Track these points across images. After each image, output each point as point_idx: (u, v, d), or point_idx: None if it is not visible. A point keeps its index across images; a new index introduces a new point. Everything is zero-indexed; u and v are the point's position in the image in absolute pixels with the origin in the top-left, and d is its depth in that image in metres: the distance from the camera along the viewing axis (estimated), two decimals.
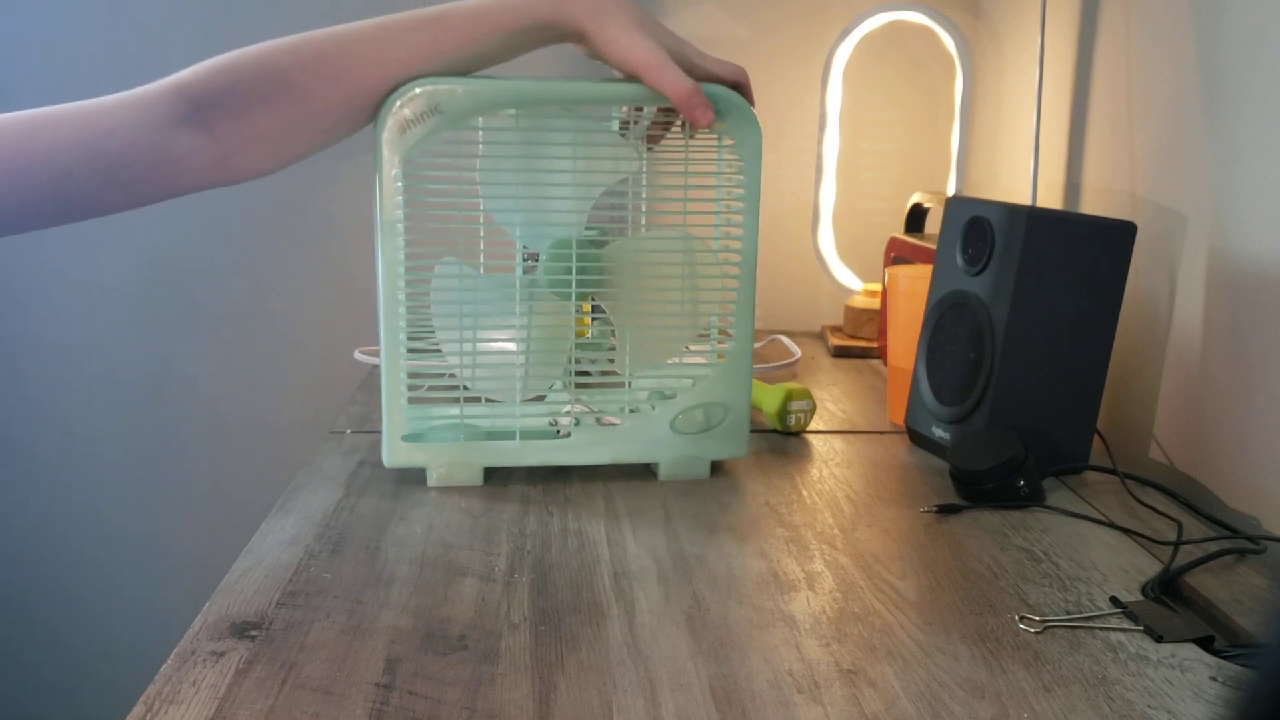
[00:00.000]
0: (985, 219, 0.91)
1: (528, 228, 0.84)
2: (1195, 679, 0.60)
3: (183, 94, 0.72)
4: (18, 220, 0.69)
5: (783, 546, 0.76)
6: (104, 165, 0.70)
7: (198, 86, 0.73)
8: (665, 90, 0.78)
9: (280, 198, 1.49)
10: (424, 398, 0.85)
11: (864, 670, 0.60)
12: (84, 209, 0.71)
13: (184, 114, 0.72)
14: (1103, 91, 1.12)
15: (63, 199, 0.70)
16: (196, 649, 0.60)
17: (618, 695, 0.56)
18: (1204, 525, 0.82)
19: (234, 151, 0.74)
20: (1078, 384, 0.91)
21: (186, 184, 0.74)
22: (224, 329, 1.52)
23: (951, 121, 1.39)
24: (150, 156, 0.71)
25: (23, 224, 0.69)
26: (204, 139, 0.73)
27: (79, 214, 0.72)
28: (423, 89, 0.78)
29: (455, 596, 0.67)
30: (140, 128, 0.71)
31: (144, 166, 0.71)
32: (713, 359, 0.88)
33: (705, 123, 0.79)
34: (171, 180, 0.73)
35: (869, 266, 1.42)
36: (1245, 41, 0.87)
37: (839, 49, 1.37)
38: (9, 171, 0.67)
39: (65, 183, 0.69)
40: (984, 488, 0.84)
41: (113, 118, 0.70)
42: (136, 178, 0.71)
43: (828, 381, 1.22)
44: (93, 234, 1.48)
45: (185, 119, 0.72)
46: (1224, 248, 0.89)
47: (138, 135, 0.70)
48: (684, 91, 0.78)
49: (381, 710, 0.55)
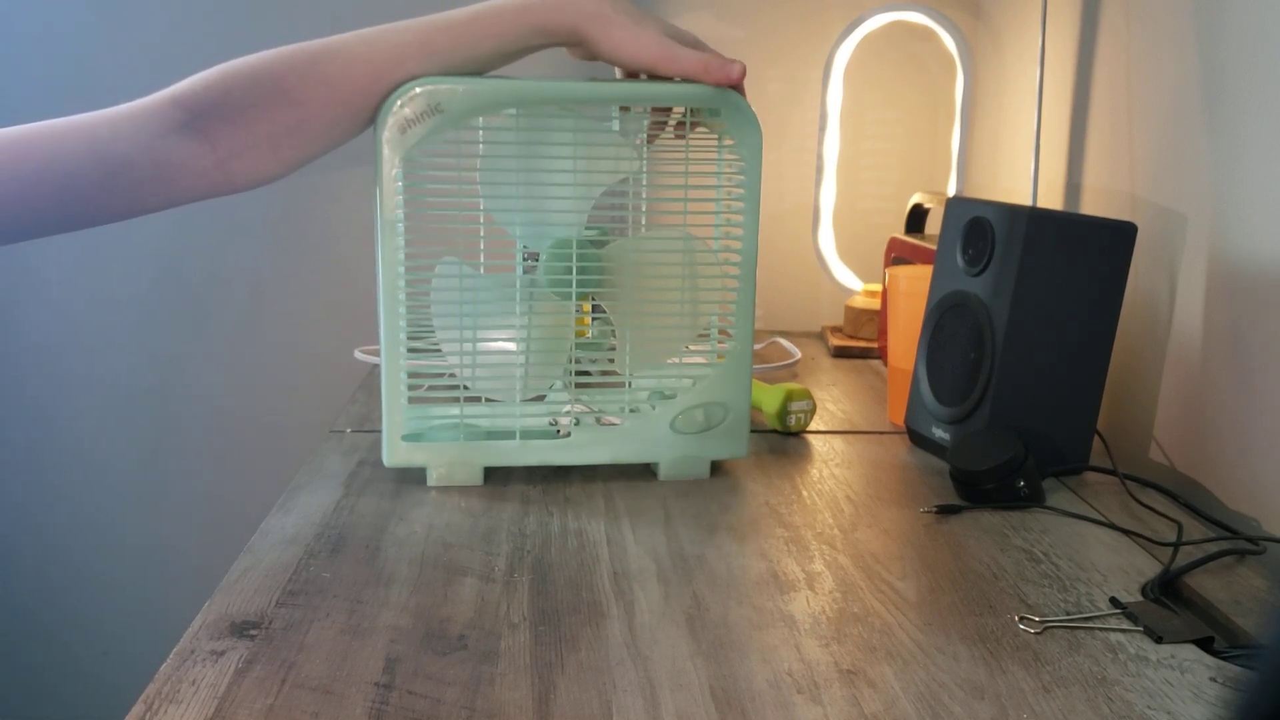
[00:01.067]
0: (986, 219, 0.91)
1: (528, 227, 0.84)
2: (1195, 680, 0.60)
3: (179, 103, 0.73)
4: (21, 228, 0.70)
5: (783, 547, 0.76)
6: (105, 173, 0.71)
7: (194, 95, 0.74)
8: (686, 71, 0.80)
9: (281, 197, 1.49)
10: (424, 397, 0.85)
11: (864, 670, 0.60)
12: (86, 217, 0.73)
13: (181, 121, 0.73)
14: (1103, 92, 1.12)
15: (65, 207, 0.71)
16: (196, 648, 0.60)
17: (617, 695, 0.56)
18: (1204, 526, 0.82)
19: (231, 157, 0.75)
20: (1078, 385, 0.91)
21: (186, 191, 0.75)
22: (224, 327, 1.53)
23: (952, 122, 1.39)
24: (150, 164, 0.72)
25: (26, 232, 0.71)
26: (202, 146, 0.74)
27: (81, 222, 0.73)
28: (423, 89, 0.78)
29: (455, 596, 0.67)
30: (139, 135, 0.72)
31: (144, 174, 0.72)
32: (713, 359, 0.88)
33: (737, 75, 0.80)
34: (171, 187, 0.74)
35: (869, 267, 1.42)
36: (1246, 41, 0.87)
37: (840, 49, 1.37)
38: (12, 178, 0.68)
39: (67, 191, 0.70)
40: (984, 488, 0.84)
41: (113, 127, 0.72)
42: (137, 185, 0.72)
43: (828, 382, 1.22)
44: (94, 234, 1.48)
45: (183, 126, 0.73)
46: (1224, 248, 0.89)
47: (137, 143, 0.72)
48: (703, 63, 0.80)
49: (381, 710, 0.55)
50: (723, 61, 0.80)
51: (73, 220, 0.72)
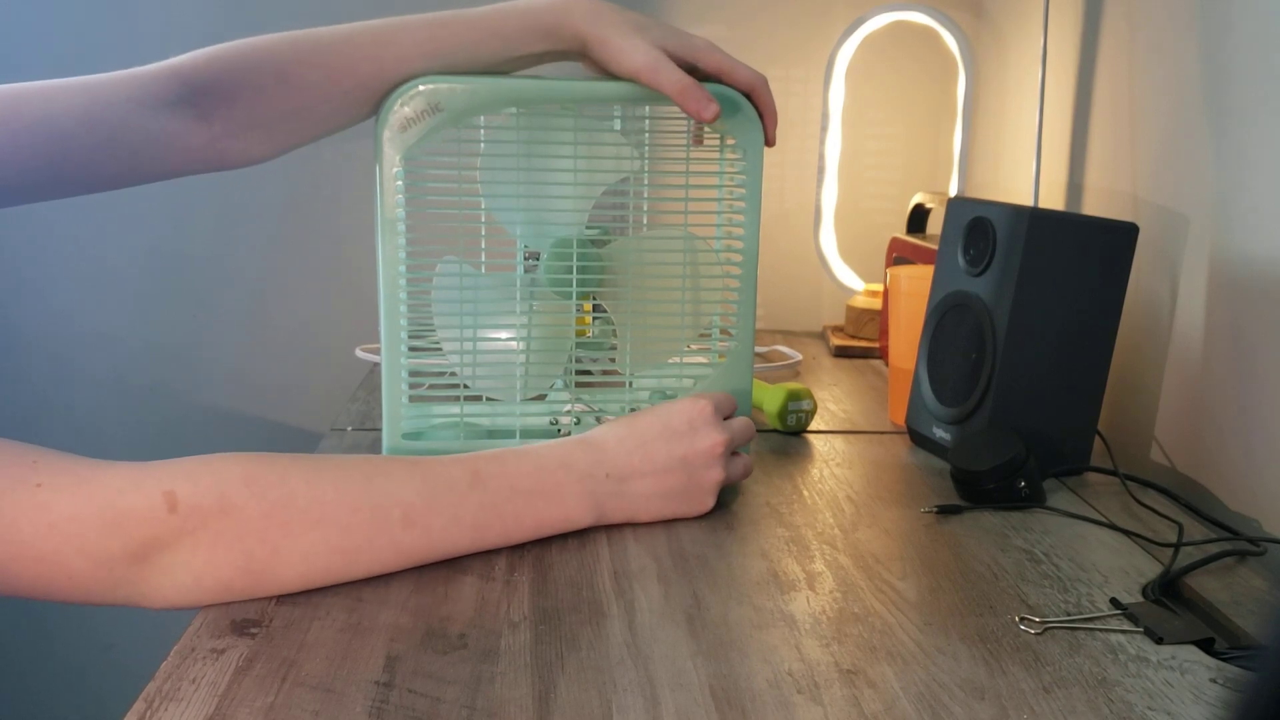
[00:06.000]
0: (987, 219, 0.91)
1: (529, 226, 0.84)
2: (1195, 681, 0.60)
3: (179, 76, 0.73)
4: (14, 190, 0.69)
5: (783, 546, 0.76)
6: (99, 136, 0.70)
7: (194, 71, 0.74)
8: (663, 89, 0.78)
9: (282, 195, 1.49)
10: (425, 396, 0.85)
11: (864, 671, 0.60)
12: (79, 181, 0.72)
13: (179, 95, 0.73)
14: (1105, 92, 1.12)
15: (57, 168, 0.70)
16: (196, 646, 0.60)
17: (618, 695, 0.56)
18: (1205, 527, 0.82)
19: (226, 136, 0.75)
20: (1079, 385, 0.91)
21: (179, 165, 0.75)
22: (226, 325, 1.53)
23: (954, 122, 1.39)
24: (144, 132, 0.72)
25: (19, 194, 0.70)
26: (197, 122, 0.74)
27: (74, 186, 0.72)
28: (424, 87, 0.78)
29: (455, 595, 0.67)
30: (135, 103, 0.72)
31: (137, 142, 0.72)
32: (714, 359, 0.88)
33: (708, 116, 0.78)
34: (164, 159, 0.74)
35: (870, 266, 1.42)
36: (1247, 42, 0.87)
37: (841, 49, 1.37)
38: (4, 133, 0.67)
39: (60, 150, 0.69)
40: (985, 488, 0.84)
41: (110, 91, 0.71)
42: (130, 153, 0.72)
43: (829, 381, 1.22)
44: (95, 230, 1.49)
45: (180, 100, 0.73)
46: (1226, 249, 0.89)
47: (132, 109, 0.71)
48: (680, 87, 0.78)
49: (381, 708, 0.55)
50: (694, 95, 0.78)
51: (64, 185, 0.71)
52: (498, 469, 0.72)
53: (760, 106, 0.83)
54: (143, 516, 0.61)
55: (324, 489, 0.65)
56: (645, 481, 0.76)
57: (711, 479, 0.78)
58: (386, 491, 0.67)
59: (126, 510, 0.60)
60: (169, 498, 0.61)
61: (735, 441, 0.80)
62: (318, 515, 0.65)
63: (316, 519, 0.65)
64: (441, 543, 0.69)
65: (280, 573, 0.64)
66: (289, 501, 0.64)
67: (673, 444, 0.77)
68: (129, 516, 0.60)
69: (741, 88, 0.82)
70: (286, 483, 0.65)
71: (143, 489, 0.61)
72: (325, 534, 0.65)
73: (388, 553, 0.67)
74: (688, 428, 0.77)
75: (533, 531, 0.73)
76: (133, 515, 0.60)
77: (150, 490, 0.61)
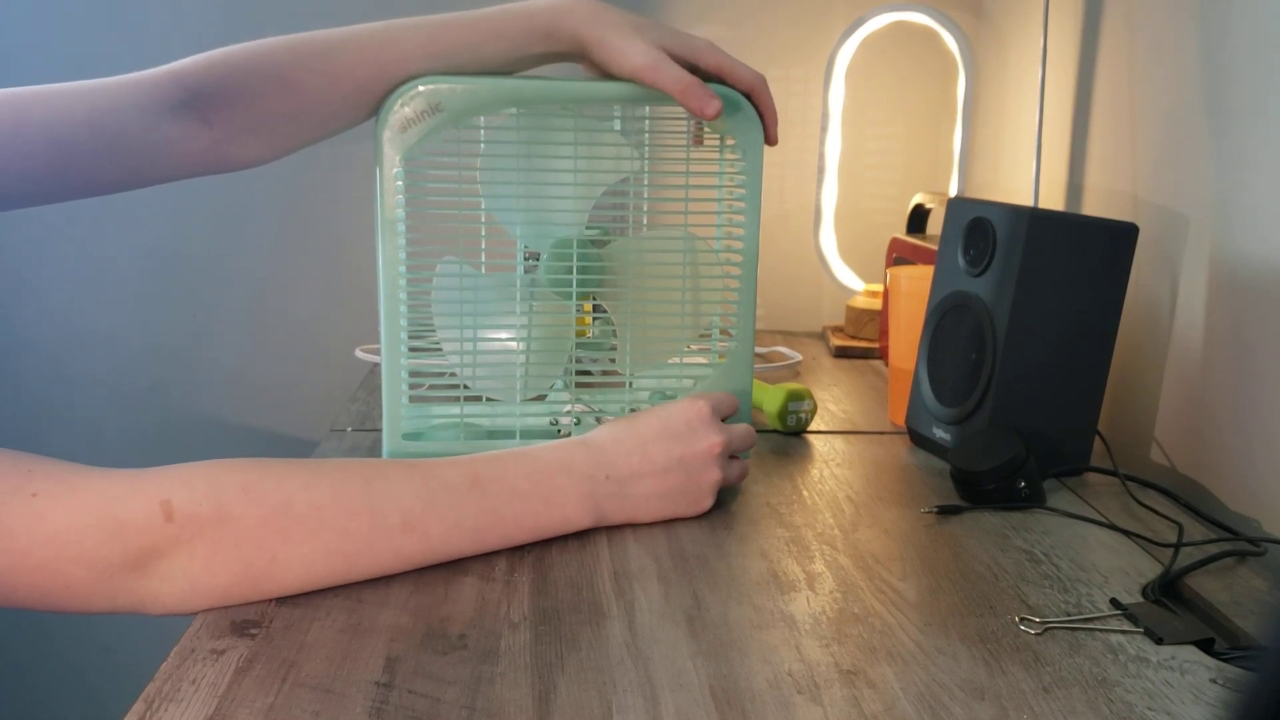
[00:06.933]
0: (987, 220, 0.91)
1: (529, 227, 0.84)
2: (1195, 681, 0.60)
3: (180, 80, 0.74)
4: (16, 194, 0.69)
5: (783, 546, 0.76)
6: (101, 141, 0.71)
7: (195, 75, 0.74)
8: (664, 87, 0.78)
9: (282, 196, 1.49)
10: (425, 396, 0.85)
11: (864, 671, 0.60)
12: (81, 185, 0.72)
13: (180, 100, 0.74)
14: (1105, 92, 1.12)
15: (60, 173, 0.70)
16: (196, 647, 0.60)
17: (618, 695, 0.56)
18: (1205, 527, 0.82)
19: (226, 139, 0.76)
20: (1079, 385, 0.91)
21: (180, 168, 0.75)
22: (225, 326, 1.53)
23: (954, 122, 1.39)
24: (145, 137, 0.72)
25: (22, 198, 0.70)
26: (199, 126, 0.74)
27: (76, 190, 0.72)
28: (424, 88, 0.78)
29: (455, 595, 0.67)
30: (136, 108, 0.72)
31: (139, 146, 0.72)
32: (714, 359, 0.88)
33: (711, 112, 0.78)
34: (165, 163, 0.74)
35: (870, 267, 1.42)
36: (1247, 43, 0.87)
37: (841, 49, 1.37)
38: (7, 140, 0.67)
39: (62, 155, 0.69)
40: (985, 489, 0.84)
41: (111, 96, 0.72)
42: (132, 157, 0.72)
43: (829, 382, 1.22)
44: (94, 231, 1.49)
45: (182, 105, 0.74)
46: (1226, 249, 0.89)
47: (133, 114, 0.72)
48: (682, 85, 0.78)
49: (381, 709, 0.55)
50: (696, 93, 0.78)
51: (66, 189, 0.72)
52: (496, 472, 0.72)
53: (760, 106, 0.83)
54: (140, 525, 0.60)
55: (322, 494, 0.65)
56: (645, 482, 0.76)
57: (709, 479, 0.78)
58: (385, 496, 0.67)
59: (123, 519, 0.60)
60: (165, 506, 0.61)
61: (734, 444, 0.80)
62: (316, 521, 0.65)
63: (314, 525, 0.65)
64: (441, 546, 0.69)
65: (279, 578, 0.64)
66: (286, 507, 0.64)
67: (671, 445, 0.77)
68: (126, 525, 0.60)
69: (742, 88, 0.82)
70: (284, 489, 0.64)
71: (139, 497, 0.61)
72: (324, 540, 0.65)
73: (387, 557, 0.67)
74: (686, 429, 0.77)
75: (532, 534, 0.73)
76: (129, 524, 0.60)
77: (147, 498, 0.61)
